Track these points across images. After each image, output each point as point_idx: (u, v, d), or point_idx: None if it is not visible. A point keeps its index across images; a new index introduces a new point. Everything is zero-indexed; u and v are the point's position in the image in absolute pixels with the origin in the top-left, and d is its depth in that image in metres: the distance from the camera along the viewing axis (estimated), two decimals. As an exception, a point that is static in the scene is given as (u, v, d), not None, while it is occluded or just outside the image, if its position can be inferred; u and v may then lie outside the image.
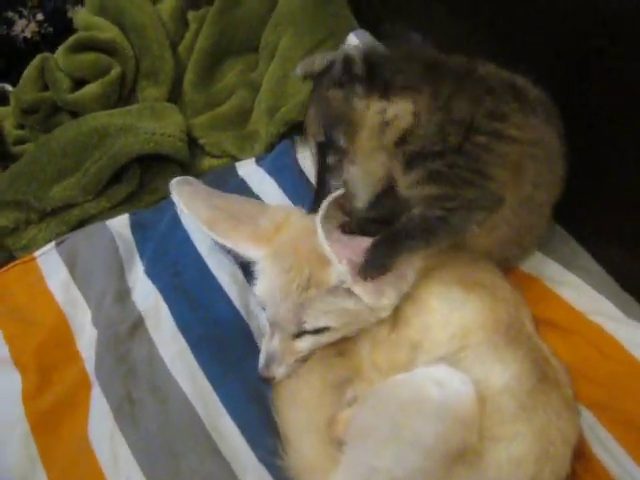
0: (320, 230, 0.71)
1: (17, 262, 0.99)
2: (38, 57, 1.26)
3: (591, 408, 0.75)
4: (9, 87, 1.31)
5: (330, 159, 0.77)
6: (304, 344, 0.76)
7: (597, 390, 0.75)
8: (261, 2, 1.34)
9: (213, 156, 1.20)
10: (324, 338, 0.76)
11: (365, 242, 0.73)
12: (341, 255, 0.72)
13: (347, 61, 0.74)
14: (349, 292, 0.74)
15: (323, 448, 0.75)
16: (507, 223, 0.78)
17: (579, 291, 0.83)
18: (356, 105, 0.75)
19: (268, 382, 0.77)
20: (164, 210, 1.04)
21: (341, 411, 0.77)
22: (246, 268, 0.88)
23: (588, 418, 0.74)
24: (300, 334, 0.76)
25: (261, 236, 0.80)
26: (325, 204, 0.72)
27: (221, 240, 0.82)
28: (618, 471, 0.71)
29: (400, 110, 0.73)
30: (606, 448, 0.72)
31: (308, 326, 0.75)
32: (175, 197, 0.86)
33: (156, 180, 1.14)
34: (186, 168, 1.16)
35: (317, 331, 0.75)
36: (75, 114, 1.24)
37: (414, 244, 0.72)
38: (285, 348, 0.76)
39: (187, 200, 0.84)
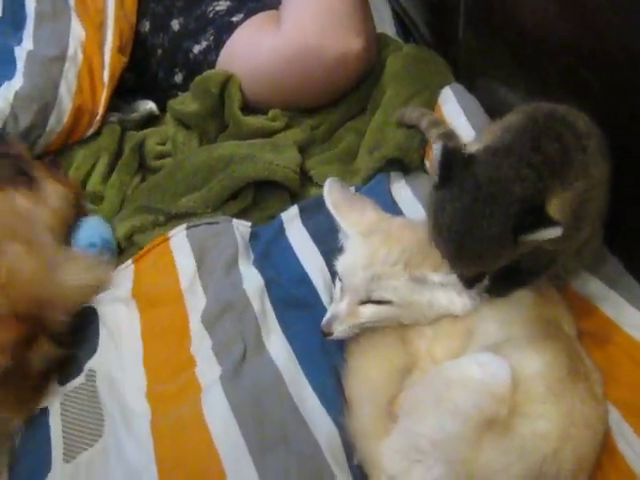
0: None
1: (153, 244, 1.20)
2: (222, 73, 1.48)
3: (618, 406, 0.83)
4: (154, 107, 1.52)
5: None
6: (366, 311, 0.90)
7: (626, 391, 0.84)
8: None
9: (318, 185, 1.38)
10: (384, 312, 0.90)
11: None
12: None
13: None
14: (428, 287, 0.88)
15: (380, 420, 0.88)
16: None
17: (619, 307, 0.92)
18: None
19: (327, 336, 0.91)
20: (273, 225, 1.25)
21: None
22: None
23: (614, 414, 0.83)
24: (365, 302, 0.89)
25: (365, 221, 0.96)
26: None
27: (334, 213, 0.98)
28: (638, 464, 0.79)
29: None
30: (628, 442, 0.80)
31: (375, 295, 0.88)
32: (326, 185, 1.03)
33: (267, 200, 1.35)
34: (294, 193, 1.36)
35: (380, 302, 0.89)
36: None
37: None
38: (349, 311, 0.90)
39: (328, 188, 1.02)
